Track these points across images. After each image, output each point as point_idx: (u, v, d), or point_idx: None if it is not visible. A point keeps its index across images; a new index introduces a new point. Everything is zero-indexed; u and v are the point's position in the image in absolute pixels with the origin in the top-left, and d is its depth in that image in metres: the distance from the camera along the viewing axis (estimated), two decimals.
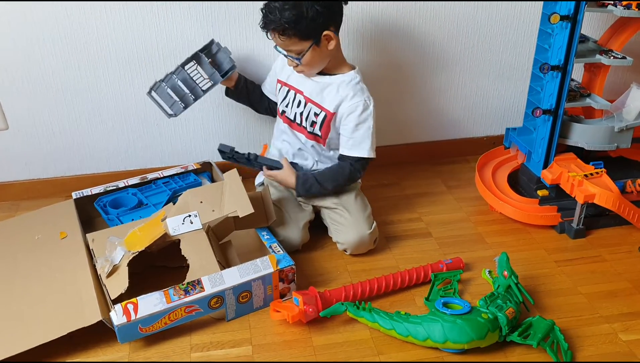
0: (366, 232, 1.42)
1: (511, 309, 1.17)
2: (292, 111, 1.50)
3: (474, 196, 1.69)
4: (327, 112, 1.44)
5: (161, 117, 1.72)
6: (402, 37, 1.73)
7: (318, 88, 1.44)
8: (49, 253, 1.37)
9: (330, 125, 1.44)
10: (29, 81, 1.61)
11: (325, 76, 1.44)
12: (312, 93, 1.45)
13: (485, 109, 1.89)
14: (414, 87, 1.81)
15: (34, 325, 1.18)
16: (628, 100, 1.55)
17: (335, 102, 1.42)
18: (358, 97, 1.41)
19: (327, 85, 1.44)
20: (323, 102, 1.44)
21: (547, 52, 1.47)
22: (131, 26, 1.58)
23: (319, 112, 1.45)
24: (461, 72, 1.81)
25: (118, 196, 1.58)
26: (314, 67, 1.41)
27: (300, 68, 1.40)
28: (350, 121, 1.41)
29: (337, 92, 1.42)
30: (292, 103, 1.49)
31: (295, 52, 1.35)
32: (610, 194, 1.44)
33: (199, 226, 1.31)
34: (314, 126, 1.47)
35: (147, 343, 1.20)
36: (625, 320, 1.24)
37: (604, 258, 1.44)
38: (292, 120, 1.50)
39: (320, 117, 1.45)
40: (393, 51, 1.74)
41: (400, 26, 1.71)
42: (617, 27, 1.56)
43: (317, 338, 1.20)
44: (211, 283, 1.21)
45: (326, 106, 1.44)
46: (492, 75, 1.84)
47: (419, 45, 1.75)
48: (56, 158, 1.73)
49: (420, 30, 1.72)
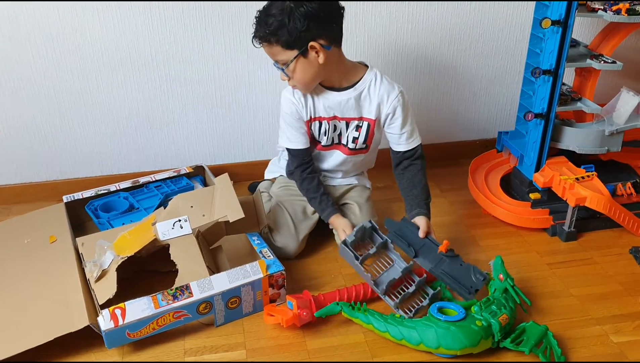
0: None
1: (505, 315, 1.17)
2: (328, 138, 1.46)
3: (467, 200, 1.69)
4: (370, 121, 1.43)
5: (154, 120, 1.72)
6: (394, 41, 1.73)
7: (352, 104, 1.41)
8: (38, 257, 1.36)
9: (374, 131, 1.45)
10: (20, 84, 1.60)
11: (349, 89, 1.41)
12: (347, 111, 1.42)
13: (477, 112, 1.90)
14: (407, 91, 1.81)
15: (22, 329, 1.17)
16: (618, 104, 1.56)
17: (373, 108, 1.41)
18: (392, 93, 1.40)
19: (358, 96, 1.41)
20: (362, 113, 1.43)
21: (539, 56, 1.48)
22: (124, 29, 1.57)
23: (362, 124, 1.44)
24: (453, 76, 1.82)
25: (109, 200, 1.57)
26: (306, 81, 1.35)
27: (292, 82, 1.36)
28: (397, 118, 1.42)
29: (370, 99, 1.41)
30: (328, 131, 1.45)
31: (282, 62, 1.33)
32: (601, 197, 1.45)
33: (188, 231, 1.30)
34: (355, 142, 1.46)
35: (140, 348, 1.19)
36: (616, 322, 1.24)
37: (595, 261, 1.44)
38: (331, 144, 1.48)
39: (364, 128, 1.44)
40: (385, 55, 1.75)
41: (392, 30, 1.71)
42: (607, 32, 1.58)
43: (311, 342, 1.20)
44: (200, 288, 1.20)
45: (366, 115, 1.43)
46: (484, 79, 1.85)
47: (412, 49, 1.75)
48: (48, 161, 1.72)
49: (413, 35, 1.73)
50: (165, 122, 1.72)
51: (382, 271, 1.31)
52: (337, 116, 1.43)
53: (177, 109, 1.71)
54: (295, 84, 1.38)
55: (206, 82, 1.69)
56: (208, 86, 1.69)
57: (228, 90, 1.71)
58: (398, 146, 1.46)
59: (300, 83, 1.36)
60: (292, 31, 1.27)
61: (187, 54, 1.63)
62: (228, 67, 1.67)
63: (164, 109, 1.70)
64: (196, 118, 1.73)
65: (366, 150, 1.49)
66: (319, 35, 1.30)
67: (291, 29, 1.27)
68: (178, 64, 1.64)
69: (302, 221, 1.47)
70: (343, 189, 1.56)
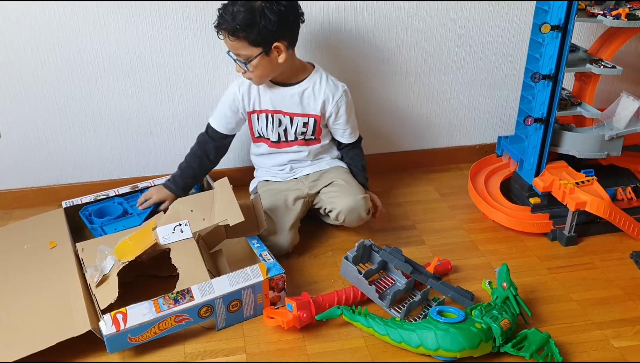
0: (359, 196, 1.46)
1: (506, 320, 1.17)
2: (274, 132, 1.53)
3: (467, 204, 1.69)
4: (315, 117, 1.51)
5: (154, 125, 1.72)
6: (394, 45, 1.74)
7: (296, 100, 1.49)
8: (39, 263, 1.36)
9: (321, 126, 1.54)
10: (21, 90, 1.60)
11: (294, 85, 1.49)
12: (292, 106, 1.50)
13: (477, 117, 1.90)
14: (407, 96, 1.82)
15: (23, 334, 1.16)
16: (618, 108, 1.56)
17: (318, 105, 1.50)
18: (337, 92, 1.50)
19: (302, 93, 1.49)
20: (307, 110, 1.50)
21: (538, 61, 1.48)
22: (124, 35, 1.58)
23: (307, 120, 1.51)
24: (453, 81, 1.83)
25: (103, 206, 1.57)
26: (262, 76, 1.44)
27: (248, 75, 1.43)
28: (341, 116, 1.52)
29: (315, 97, 1.49)
30: (272, 125, 1.52)
31: (244, 57, 1.38)
32: (601, 201, 1.45)
33: (189, 235, 1.30)
34: (304, 135, 1.53)
35: (141, 352, 1.19)
36: (617, 327, 1.24)
37: (595, 265, 1.44)
38: (277, 141, 1.54)
39: (310, 123, 1.52)
40: (385, 60, 1.75)
41: (392, 34, 1.72)
42: (606, 37, 1.58)
43: (311, 346, 1.20)
44: (201, 292, 1.20)
45: (312, 112, 1.51)
46: (484, 84, 1.85)
47: (412, 54, 1.76)
48: (48, 166, 1.72)
49: (413, 39, 1.74)
50: (165, 127, 1.73)
51: (386, 287, 1.33)
52: (282, 110, 1.50)
53: (177, 114, 1.71)
54: (250, 77, 1.44)
55: (206, 88, 1.69)
56: (208, 91, 1.70)
57: None
58: (342, 138, 1.59)
59: (257, 78, 1.44)
60: (262, 30, 1.34)
61: (187, 59, 1.64)
62: (228, 72, 1.67)
63: (164, 114, 1.71)
64: (196, 123, 1.73)
65: (316, 141, 1.56)
66: (283, 36, 1.38)
67: (262, 27, 1.34)
68: (178, 69, 1.65)
69: (284, 214, 1.48)
70: (316, 175, 1.57)
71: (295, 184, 1.56)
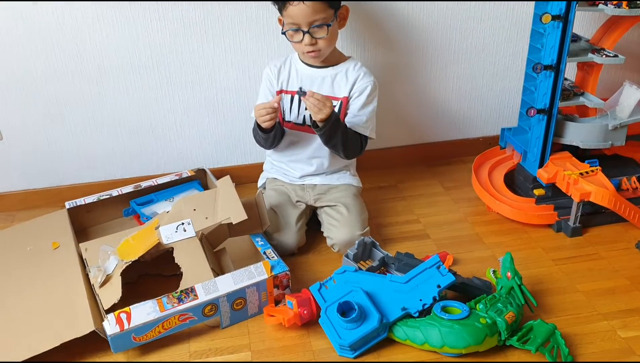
0: (357, 232, 1.42)
1: (511, 313, 1.16)
2: (299, 114, 1.48)
3: (471, 197, 1.68)
4: (343, 99, 1.47)
5: (156, 124, 1.72)
6: (395, 39, 1.73)
7: (327, 82, 1.46)
8: (42, 264, 1.36)
9: (346, 110, 1.48)
10: (22, 91, 1.60)
11: (328, 68, 1.47)
12: (321, 88, 1.46)
13: (480, 110, 1.89)
14: (409, 89, 1.81)
15: (28, 335, 1.17)
16: (621, 98, 1.55)
17: (348, 87, 1.46)
18: (368, 77, 1.47)
19: (335, 75, 1.47)
20: (336, 93, 1.47)
21: (540, 52, 1.47)
22: (125, 34, 1.58)
23: (335, 104, 1.46)
24: (455, 74, 1.81)
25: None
26: (330, 46, 1.41)
27: (319, 45, 1.37)
28: (360, 99, 1.46)
29: (347, 79, 1.46)
30: (298, 106, 1.47)
31: (322, 20, 1.33)
32: (605, 192, 1.44)
33: (192, 234, 1.30)
34: None
35: (146, 351, 1.19)
36: (623, 317, 1.23)
37: (601, 256, 1.43)
38: (302, 123, 1.49)
39: (337, 108, 1.46)
40: (387, 53, 1.74)
41: (394, 28, 1.71)
42: (608, 26, 1.57)
43: (316, 343, 1.19)
44: (205, 290, 1.20)
45: (340, 95, 1.47)
46: (486, 76, 1.84)
47: (413, 47, 1.75)
48: (50, 167, 1.72)
49: (414, 32, 1.73)
50: (167, 126, 1.73)
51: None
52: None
53: (178, 112, 1.71)
54: (320, 48, 1.38)
55: (207, 86, 1.69)
56: (209, 89, 1.69)
57: (229, 93, 1.71)
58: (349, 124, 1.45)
59: (327, 48, 1.40)
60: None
61: (188, 57, 1.64)
62: (229, 69, 1.67)
63: (166, 113, 1.71)
64: (198, 121, 1.73)
65: None
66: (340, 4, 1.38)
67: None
68: (179, 67, 1.64)
69: (291, 214, 1.46)
70: (324, 188, 1.54)
71: (301, 190, 1.54)
